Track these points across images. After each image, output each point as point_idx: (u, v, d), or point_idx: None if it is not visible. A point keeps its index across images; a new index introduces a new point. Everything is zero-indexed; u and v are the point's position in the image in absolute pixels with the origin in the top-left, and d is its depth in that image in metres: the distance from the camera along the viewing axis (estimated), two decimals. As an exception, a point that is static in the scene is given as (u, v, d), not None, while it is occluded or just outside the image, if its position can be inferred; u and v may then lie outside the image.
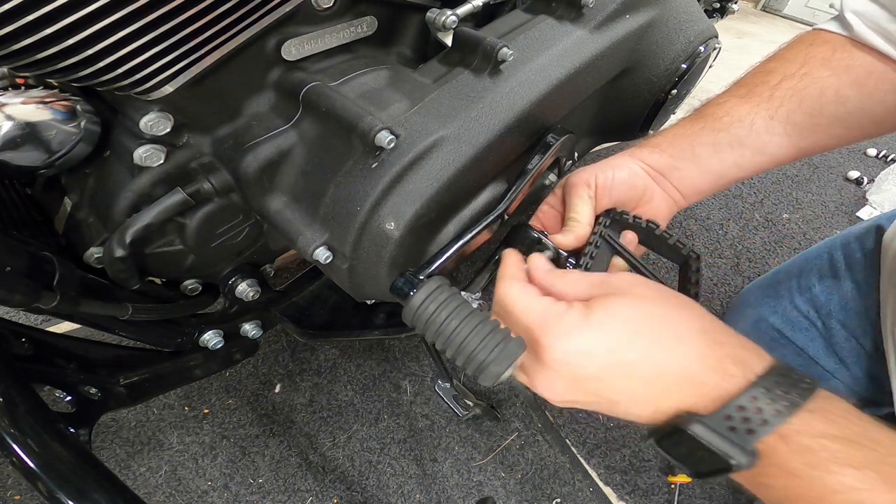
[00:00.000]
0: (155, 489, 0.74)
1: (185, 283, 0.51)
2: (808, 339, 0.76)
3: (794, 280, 0.80)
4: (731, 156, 0.47)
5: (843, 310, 0.72)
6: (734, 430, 0.28)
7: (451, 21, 0.47)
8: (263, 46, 0.41)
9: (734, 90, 0.49)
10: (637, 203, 0.47)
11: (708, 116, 0.48)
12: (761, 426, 0.27)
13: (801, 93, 0.44)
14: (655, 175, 0.47)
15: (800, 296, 0.78)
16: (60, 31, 0.28)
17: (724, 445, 0.27)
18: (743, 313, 0.86)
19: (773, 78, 0.46)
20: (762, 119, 0.45)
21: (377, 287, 0.45)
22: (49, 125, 0.35)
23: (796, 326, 0.77)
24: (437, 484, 0.78)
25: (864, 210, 1.37)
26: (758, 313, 0.82)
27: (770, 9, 2.86)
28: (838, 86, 0.43)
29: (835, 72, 0.44)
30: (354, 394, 0.88)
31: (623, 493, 0.81)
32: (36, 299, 0.35)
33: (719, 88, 0.52)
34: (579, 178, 0.46)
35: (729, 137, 0.46)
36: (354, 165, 0.41)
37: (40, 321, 0.83)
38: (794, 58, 0.46)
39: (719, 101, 0.49)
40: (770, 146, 0.46)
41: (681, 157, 0.47)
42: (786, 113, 0.45)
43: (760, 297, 0.84)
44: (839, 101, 0.43)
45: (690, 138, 0.47)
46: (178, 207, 0.41)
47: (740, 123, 0.46)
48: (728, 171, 0.47)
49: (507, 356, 0.31)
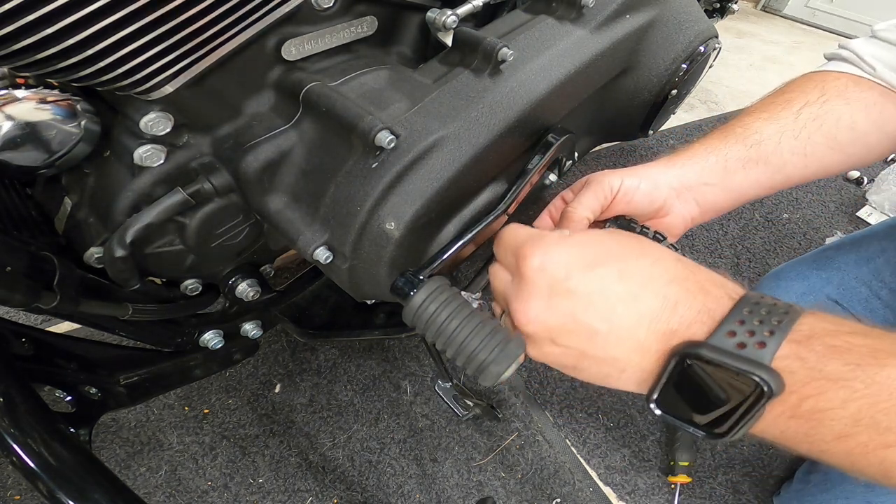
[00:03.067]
0: (155, 489, 0.74)
1: (185, 283, 0.51)
2: (868, 310, 0.75)
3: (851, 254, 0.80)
4: (755, 173, 0.48)
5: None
6: (743, 346, 0.24)
7: (451, 21, 0.47)
8: (263, 46, 0.41)
9: (757, 114, 0.50)
10: (652, 216, 0.47)
11: (738, 134, 0.49)
12: (770, 337, 0.24)
13: (820, 118, 0.48)
14: (680, 189, 0.47)
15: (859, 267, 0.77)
16: (60, 31, 0.28)
17: (740, 363, 0.24)
18: (785, 287, 0.83)
19: (794, 105, 0.49)
20: (788, 139, 0.47)
21: (377, 287, 0.45)
22: (49, 125, 0.35)
23: (855, 296, 0.76)
24: (437, 484, 0.78)
25: (863, 210, 1.37)
26: (806, 285, 0.80)
27: (770, 9, 2.86)
28: (851, 113, 0.48)
29: (849, 101, 0.48)
30: (354, 394, 0.88)
31: (623, 493, 0.81)
32: (36, 299, 0.35)
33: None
34: (603, 179, 0.45)
35: (758, 154, 0.47)
36: (354, 165, 0.41)
37: (40, 321, 0.83)
38: (812, 89, 0.50)
39: (745, 122, 0.50)
40: (788, 166, 0.48)
41: (711, 172, 0.48)
42: (808, 135, 0.47)
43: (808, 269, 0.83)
44: (852, 126, 0.48)
45: (723, 153, 0.48)
46: (178, 207, 0.41)
47: (769, 141, 0.47)
48: (749, 190, 0.49)
49: (508, 356, 0.31)
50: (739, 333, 0.25)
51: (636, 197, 0.45)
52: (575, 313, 0.29)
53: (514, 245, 0.33)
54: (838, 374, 0.23)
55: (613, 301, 0.29)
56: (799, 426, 0.25)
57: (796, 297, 0.80)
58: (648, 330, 0.28)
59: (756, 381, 0.23)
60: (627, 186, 0.45)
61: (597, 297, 0.29)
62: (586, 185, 0.46)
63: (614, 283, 0.29)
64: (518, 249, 0.32)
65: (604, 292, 0.29)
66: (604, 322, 0.28)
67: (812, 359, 0.24)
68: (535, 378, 0.93)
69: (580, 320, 0.29)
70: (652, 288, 0.28)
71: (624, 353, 0.29)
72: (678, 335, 0.27)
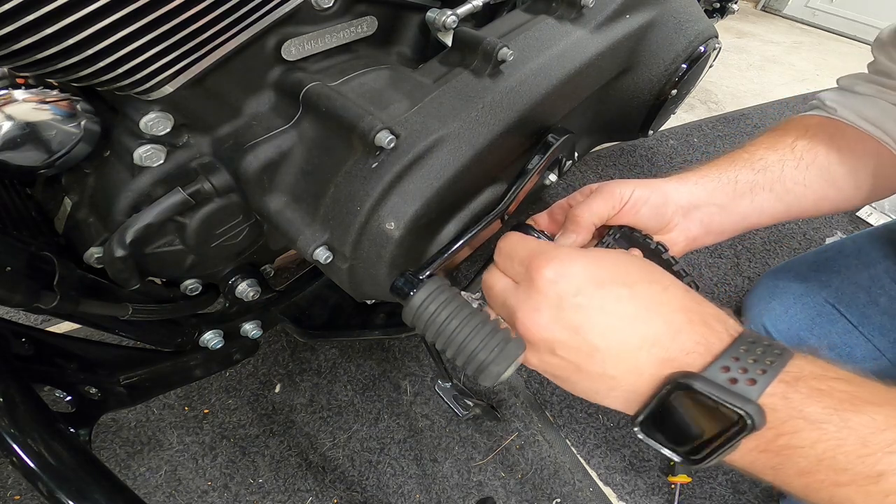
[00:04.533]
0: (155, 489, 0.74)
1: (185, 283, 0.51)
2: (864, 316, 0.76)
3: (851, 257, 0.80)
4: (760, 198, 0.49)
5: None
6: (734, 381, 0.26)
7: (451, 21, 0.47)
8: (263, 46, 0.41)
9: (758, 143, 0.53)
10: (658, 230, 0.47)
11: (745, 160, 0.51)
12: (762, 375, 0.26)
13: (813, 150, 0.50)
14: (687, 208, 0.48)
15: (859, 272, 0.78)
16: (60, 31, 0.28)
17: (730, 397, 0.25)
18: (782, 288, 0.84)
19: (787, 137, 0.52)
20: (790, 168, 0.50)
21: (377, 287, 0.45)
22: (49, 125, 0.35)
23: (852, 301, 0.77)
24: (437, 484, 0.78)
25: (864, 210, 1.38)
26: (804, 287, 0.81)
27: (770, 9, 2.86)
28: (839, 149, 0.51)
29: (832, 137, 0.51)
30: (354, 394, 0.88)
31: (623, 493, 0.81)
32: (36, 299, 0.35)
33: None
34: (615, 187, 0.45)
35: (764, 180, 0.49)
36: (354, 165, 0.41)
37: (40, 321, 0.83)
38: (797, 127, 0.53)
39: (749, 149, 0.52)
40: (790, 195, 0.50)
41: (721, 192, 0.49)
42: (805, 165, 0.50)
43: (806, 271, 0.83)
44: (840, 161, 0.51)
45: (733, 174, 0.49)
46: (178, 207, 0.41)
47: (773, 168, 0.49)
48: (751, 215, 0.50)
49: (508, 356, 0.31)
50: (733, 369, 0.26)
51: (644, 209, 0.45)
52: (580, 328, 0.30)
53: (523, 255, 0.33)
54: (815, 417, 0.25)
55: (619, 321, 0.29)
56: (768, 459, 0.27)
57: (794, 299, 0.81)
58: (649, 354, 0.29)
59: (741, 415, 0.25)
60: (637, 197, 0.45)
61: (603, 315, 0.29)
62: (597, 191, 0.46)
63: (623, 303, 0.30)
64: (530, 260, 0.32)
65: (611, 311, 0.29)
66: (606, 340, 0.29)
67: (796, 399, 0.25)
68: (535, 378, 0.93)
69: (584, 335, 0.30)
70: (659, 313, 0.29)
71: (620, 373, 0.29)
72: (675, 363, 0.28)
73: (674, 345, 0.28)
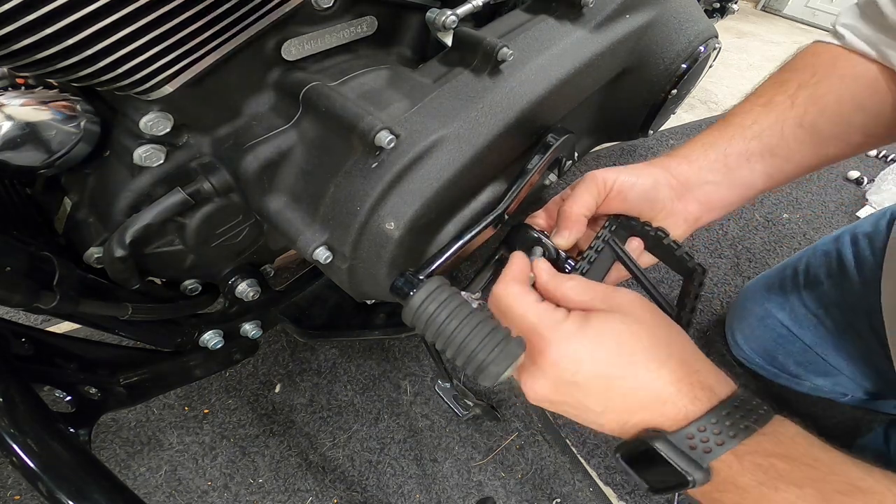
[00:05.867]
0: (155, 489, 0.74)
1: (185, 283, 0.51)
2: (816, 337, 0.76)
3: (801, 276, 0.80)
4: (761, 165, 0.46)
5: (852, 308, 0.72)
6: (693, 448, 0.30)
7: (451, 21, 0.47)
8: (263, 46, 0.41)
9: (754, 100, 0.49)
10: (653, 217, 0.46)
11: (736, 125, 0.47)
12: (718, 446, 0.29)
13: (820, 101, 0.45)
14: (680, 190, 0.46)
15: (808, 292, 0.78)
16: (60, 31, 0.28)
17: (683, 462, 0.29)
18: (748, 309, 0.86)
19: (789, 87, 0.47)
20: (790, 127, 0.46)
21: (377, 287, 0.45)
22: (49, 125, 0.35)
23: (804, 323, 0.77)
24: (437, 484, 0.78)
25: (863, 210, 1.37)
26: (765, 309, 0.82)
27: (770, 9, 2.86)
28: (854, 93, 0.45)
29: (843, 79, 0.45)
30: (354, 394, 0.87)
31: (623, 493, 0.81)
32: (36, 299, 0.35)
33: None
34: (597, 175, 0.45)
35: (760, 146, 0.46)
36: (354, 165, 0.41)
37: (40, 321, 0.83)
38: (804, 67, 0.48)
39: (743, 110, 0.48)
40: (798, 154, 0.46)
41: (712, 170, 0.46)
42: (811, 120, 0.45)
43: (766, 293, 0.84)
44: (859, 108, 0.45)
45: (722, 148, 0.47)
46: (178, 207, 0.41)
47: (770, 132, 0.46)
48: (757, 182, 0.47)
49: (507, 356, 0.31)
50: (696, 438, 0.30)
51: (632, 194, 0.44)
52: (577, 398, 0.33)
53: (523, 325, 0.35)
54: (744, 485, 0.29)
55: (614, 395, 0.33)
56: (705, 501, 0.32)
57: (757, 321, 0.83)
58: (636, 417, 0.33)
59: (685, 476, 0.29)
60: (623, 182, 0.44)
61: (600, 389, 0.33)
62: (580, 181, 0.45)
63: (619, 379, 0.32)
64: (531, 335, 0.34)
65: (607, 388, 0.33)
66: (600, 404, 0.33)
67: (735, 468, 0.29)
68: (535, 378, 0.92)
69: (580, 402, 0.34)
70: (652, 389, 0.32)
71: (607, 423, 0.34)
72: (654, 424, 0.32)
73: (657, 411, 0.32)
